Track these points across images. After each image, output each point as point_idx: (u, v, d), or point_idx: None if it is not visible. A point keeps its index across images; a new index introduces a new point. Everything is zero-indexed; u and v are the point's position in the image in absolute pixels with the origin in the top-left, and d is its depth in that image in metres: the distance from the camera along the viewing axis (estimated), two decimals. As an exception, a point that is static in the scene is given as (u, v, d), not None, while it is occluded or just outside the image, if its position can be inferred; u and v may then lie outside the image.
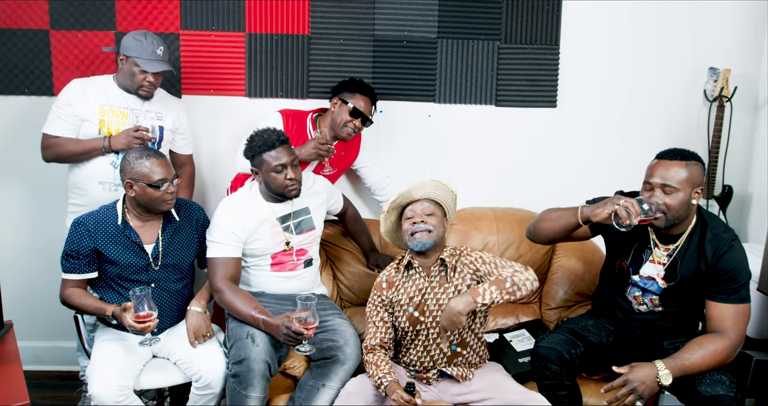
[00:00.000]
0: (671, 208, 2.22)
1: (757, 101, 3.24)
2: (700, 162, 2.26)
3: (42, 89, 3.12)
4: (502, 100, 3.23)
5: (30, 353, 3.27)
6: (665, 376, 2.13)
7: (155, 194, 2.38)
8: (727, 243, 2.25)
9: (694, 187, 2.22)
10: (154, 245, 2.47)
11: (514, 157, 3.29)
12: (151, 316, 2.25)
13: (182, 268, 2.54)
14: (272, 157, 2.47)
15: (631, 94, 3.25)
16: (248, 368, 2.29)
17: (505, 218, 3.06)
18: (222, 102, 3.18)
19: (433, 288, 2.40)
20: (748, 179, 3.28)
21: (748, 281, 2.25)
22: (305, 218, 2.66)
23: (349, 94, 2.88)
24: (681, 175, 2.20)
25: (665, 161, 2.24)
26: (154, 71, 2.69)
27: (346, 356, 2.42)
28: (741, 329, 2.23)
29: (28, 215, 3.27)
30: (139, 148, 2.47)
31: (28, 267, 3.24)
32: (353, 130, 2.89)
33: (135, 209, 2.46)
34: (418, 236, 2.36)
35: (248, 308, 2.41)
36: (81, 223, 2.43)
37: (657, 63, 3.21)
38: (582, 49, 3.21)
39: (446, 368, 2.42)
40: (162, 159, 2.42)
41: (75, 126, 2.71)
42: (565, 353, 2.32)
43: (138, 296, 2.22)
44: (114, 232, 2.43)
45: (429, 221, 2.37)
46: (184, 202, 2.62)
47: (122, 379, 2.30)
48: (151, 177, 2.36)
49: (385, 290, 2.47)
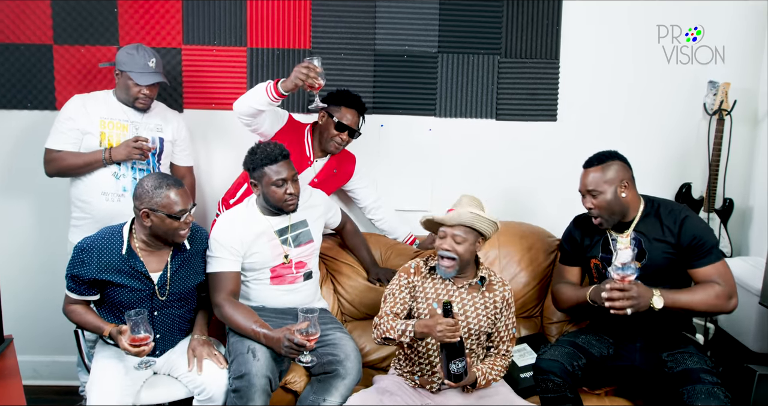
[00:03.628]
0: (602, 208, 2.46)
1: (756, 114, 3.25)
2: (617, 159, 2.48)
3: (44, 104, 3.13)
4: (502, 113, 3.24)
5: (29, 368, 3.25)
6: (657, 300, 2.28)
7: (174, 225, 2.31)
8: (682, 213, 2.45)
9: (616, 184, 2.45)
10: (161, 274, 2.41)
11: (514, 170, 3.30)
12: (147, 339, 2.21)
13: (187, 296, 2.50)
14: (273, 171, 2.48)
15: (631, 107, 3.25)
16: (249, 383, 2.28)
17: (506, 232, 3.04)
18: (224, 117, 3.19)
19: (461, 293, 2.44)
20: (749, 192, 3.28)
21: (716, 243, 2.44)
22: (303, 230, 2.66)
23: (334, 107, 2.87)
24: (598, 178, 2.46)
25: (585, 170, 2.52)
26: (146, 84, 2.71)
27: (347, 370, 2.41)
28: (729, 279, 2.38)
29: (30, 230, 3.26)
30: (156, 175, 2.38)
31: (29, 281, 3.23)
32: (340, 144, 2.89)
33: (147, 239, 2.38)
34: (443, 265, 2.40)
35: (249, 322, 2.41)
36: (84, 249, 2.34)
37: (656, 77, 3.22)
38: (582, 63, 3.23)
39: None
40: (182, 188, 2.35)
41: (77, 140, 2.72)
42: (567, 365, 2.33)
43: (134, 319, 2.18)
44: (118, 262, 2.34)
45: (457, 249, 2.37)
46: (195, 229, 2.53)
47: (122, 396, 2.28)
48: (172, 208, 2.29)
49: (413, 274, 2.49)
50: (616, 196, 2.44)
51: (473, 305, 2.42)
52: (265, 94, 2.56)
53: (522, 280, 2.98)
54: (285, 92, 2.55)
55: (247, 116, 2.66)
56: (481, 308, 2.42)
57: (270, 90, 2.55)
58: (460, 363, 2.21)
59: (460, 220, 2.37)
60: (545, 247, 3.03)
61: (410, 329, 2.26)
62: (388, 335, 2.32)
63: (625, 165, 2.49)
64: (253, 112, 2.63)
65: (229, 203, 2.88)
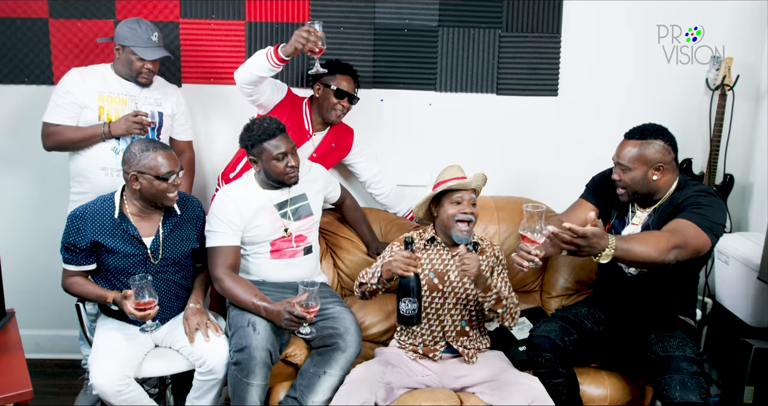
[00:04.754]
0: (627, 184, 2.35)
1: (759, 90, 3.22)
2: (661, 138, 2.32)
3: (42, 78, 3.11)
4: (503, 88, 3.22)
5: (32, 342, 3.28)
6: (606, 256, 2.01)
7: (162, 186, 2.36)
8: (702, 190, 2.30)
9: (650, 166, 2.31)
10: (153, 238, 2.46)
11: (515, 145, 3.29)
12: (152, 303, 2.25)
13: (181, 262, 2.54)
14: (273, 146, 2.48)
15: (633, 82, 3.23)
16: (250, 356, 2.30)
17: (506, 207, 3.05)
18: (222, 91, 3.17)
19: (456, 260, 2.48)
20: (750, 168, 3.27)
21: (718, 223, 2.22)
22: (303, 204, 2.67)
23: (329, 77, 2.86)
24: (633, 154, 2.32)
25: (624, 140, 2.38)
26: (152, 59, 2.69)
27: (347, 343, 2.43)
28: (687, 238, 2.14)
29: (30, 204, 3.27)
30: (143, 140, 2.44)
31: (29, 256, 3.24)
32: (342, 112, 2.89)
33: (137, 202, 2.43)
34: (463, 229, 2.44)
35: (249, 296, 2.42)
36: (78, 216, 2.41)
37: (659, 51, 3.19)
38: (583, 37, 3.19)
39: (453, 342, 2.48)
40: (169, 151, 2.41)
41: (75, 114, 2.71)
42: (558, 341, 2.35)
43: (138, 284, 2.22)
44: (111, 225, 2.41)
45: (474, 211, 2.47)
46: (185, 196, 2.61)
47: (123, 368, 2.31)
48: (158, 169, 2.34)
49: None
50: (646, 178, 2.32)
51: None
52: (266, 60, 2.55)
53: (521, 255, 2.99)
54: (285, 57, 2.54)
55: (248, 85, 2.65)
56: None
57: (270, 55, 2.54)
58: (411, 304, 2.27)
59: (480, 181, 2.50)
60: (545, 222, 3.03)
61: (378, 269, 2.36)
62: (362, 279, 2.44)
63: (667, 146, 2.32)
64: (254, 79, 2.62)
65: (229, 178, 2.88)
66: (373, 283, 2.41)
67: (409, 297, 2.27)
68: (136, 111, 2.70)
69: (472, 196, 2.49)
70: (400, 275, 2.26)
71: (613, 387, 2.49)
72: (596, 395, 2.47)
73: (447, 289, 2.48)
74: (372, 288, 2.44)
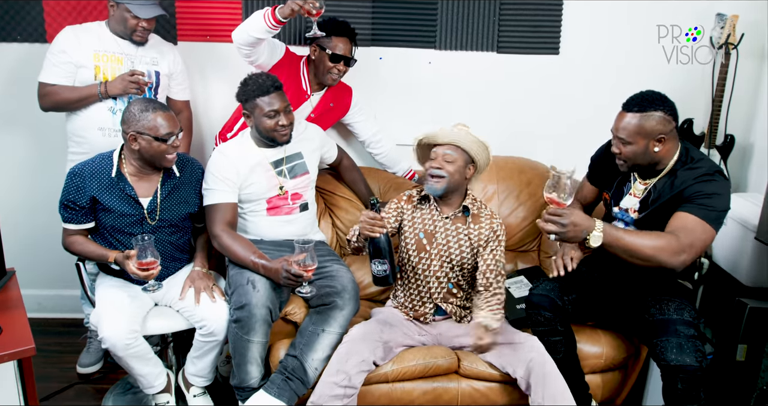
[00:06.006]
0: (628, 157, 2.28)
1: (764, 49, 3.17)
2: (661, 109, 2.22)
3: (35, 36, 3.06)
4: (503, 46, 3.17)
5: (34, 302, 3.31)
6: (595, 238, 2.08)
7: (161, 147, 2.35)
8: (706, 174, 2.23)
9: (651, 138, 2.23)
10: (151, 199, 2.46)
11: (515, 105, 3.25)
12: (154, 263, 2.26)
13: (178, 224, 2.54)
14: (265, 103, 2.47)
15: (635, 40, 3.17)
16: (250, 313, 2.32)
17: (505, 167, 3.05)
18: (220, 49, 3.12)
19: (446, 223, 2.47)
20: (751, 128, 3.24)
21: (723, 211, 2.21)
22: (298, 162, 2.66)
23: (324, 39, 2.79)
24: (632, 128, 2.23)
25: (622, 112, 2.28)
26: (147, 17, 2.64)
27: (345, 301, 2.45)
28: (693, 239, 2.14)
29: (28, 164, 3.26)
30: (143, 99, 2.42)
31: (29, 216, 3.25)
32: (338, 75, 2.84)
33: (136, 162, 2.43)
34: (430, 182, 2.40)
35: (247, 253, 2.44)
36: (76, 173, 2.41)
37: (662, 8, 3.12)
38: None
39: (441, 303, 2.50)
40: (168, 112, 2.39)
41: (70, 73, 2.67)
42: (557, 300, 2.37)
43: (141, 244, 2.23)
44: (108, 183, 2.41)
45: (447, 168, 2.39)
46: (185, 158, 2.60)
47: (131, 322, 2.34)
48: (158, 130, 2.33)
49: (405, 201, 2.54)
50: (647, 150, 2.24)
51: (456, 236, 2.46)
52: (263, 21, 2.50)
53: (521, 214, 3.00)
54: (283, 19, 2.49)
55: (246, 46, 2.61)
56: (465, 239, 2.46)
57: (268, 17, 2.49)
58: (381, 265, 2.30)
59: (451, 137, 2.39)
60: (544, 182, 3.00)
61: (356, 231, 2.38)
62: (348, 236, 2.47)
63: (667, 116, 2.23)
64: (252, 40, 2.57)
65: (226, 137, 2.87)
66: (354, 240, 2.43)
67: (379, 258, 2.31)
68: (132, 70, 2.66)
69: (447, 152, 2.40)
70: (367, 236, 2.29)
71: (609, 345, 2.53)
72: (592, 352, 2.51)
73: (433, 251, 2.46)
74: (355, 245, 2.45)
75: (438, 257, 2.47)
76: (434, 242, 2.47)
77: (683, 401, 2.20)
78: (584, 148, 2.62)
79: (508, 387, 2.43)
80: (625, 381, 2.64)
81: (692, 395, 2.19)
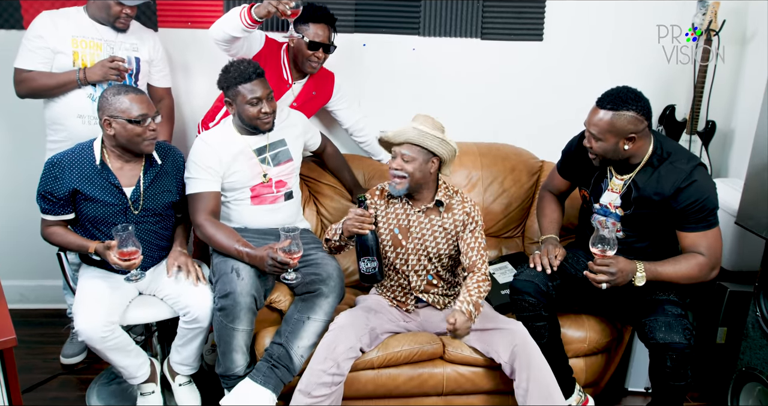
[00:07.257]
0: (599, 153, 2.32)
1: (744, 35, 3.20)
2: (634, 109, 2.22)
3: (11, 22, 3.00)
4: (487, 33, 3.16)
5: (16, 292, 3.28)
6: (640, 278, 2.24)
7: (136, 130, 2.31)
8: (688, 175, 2.26)
9: (621, 137, 2.25)
10: (134, 188, 2.43)
11: (499, 91, 3.25)
12: (136, 253, 2.24)
13: (161, 213, 2.51)
14: (248, 90, 2.44)
15: (619, 27, 3.18)
16: (234, 301, 2.31)
17: (489, 153, 3.05)
18: (201, 36, 3.06)
19: (419, 217, 2.45)
20: (732, 114, 3.27)
21: (715, 208, 2.30)
22: (282, 149, 2.65)
23: (302, 26, 2.75)
24: (604, 125, 2.25)
25: (595, 108, 2.29)
26: (132, 4, 2.60)
27: (330, 289, 2.45)
28: (715, 250, 2.31)
29: (5, 153, 3.20)
30: (116, 85, 2.39)
31: (8, 207, 3.20)
32: (318, 63, 2.81)
33: (115, 149, 2.39)
34: (393, 181, 2.39)
35: (231, 242, 2.42)
36: (55, 163, 2.36)
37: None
38: (570, -20, 3.13)
39: (422, 295, 2.50)
40: (142, 95, 2.36)
41: (48, 59, 2.62)
42: (542, 286, 2.38)
43: (121, 234, 2.20)
44: (91, 173, 2.37)
45: (406, 167, 2.35)
46: (167, 146, 2.57)
47: (108, 314, 2.32)
48: (130, 112, 2.29)
49: (377, 197, 2.52)
50: (618, 148, 2.27)
51: (431, 228, 2.45)
52: (239, 20, 2.46)
53: (504, 201, 3.01)
54: (259, 18, 2.45)
55: (223, 42, 2.57)
56: (440, 230, 2.45)
57: (244, 16, 2.45)
58: (370, 263, 2.31)
59: (406, 137, 2.34)
60: (528, 168, 3.04)
61: (341, 225, 2.36)
62: (326, 236, 2.45)
63: (639, 116, 2.23)
64: (228, 38, 2.53)
65: (209, 126, 2.83)
66: (336, 240, 2.42)
67: (368, 256, 2.31)
68: (112, 56, 2.62)
69: (404, 152, 2.34)
70: (355, 233, 2.29)
71: (592, 330, 2.55)
72: (576, 337, 2.53)
73: (410, 245, 2.45)
74: (336, 244, 2.44)
75: (415, 251, 2.45)
76: (409, 236, 2.45)
77: (671, 379, 2.25)
78: (568, 136, 2.62)
79: (493, 372, 2.44)
80: (608, 365, 2.67)
81: (680, 373, 2.24)
